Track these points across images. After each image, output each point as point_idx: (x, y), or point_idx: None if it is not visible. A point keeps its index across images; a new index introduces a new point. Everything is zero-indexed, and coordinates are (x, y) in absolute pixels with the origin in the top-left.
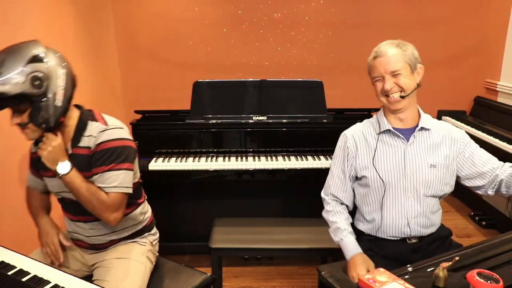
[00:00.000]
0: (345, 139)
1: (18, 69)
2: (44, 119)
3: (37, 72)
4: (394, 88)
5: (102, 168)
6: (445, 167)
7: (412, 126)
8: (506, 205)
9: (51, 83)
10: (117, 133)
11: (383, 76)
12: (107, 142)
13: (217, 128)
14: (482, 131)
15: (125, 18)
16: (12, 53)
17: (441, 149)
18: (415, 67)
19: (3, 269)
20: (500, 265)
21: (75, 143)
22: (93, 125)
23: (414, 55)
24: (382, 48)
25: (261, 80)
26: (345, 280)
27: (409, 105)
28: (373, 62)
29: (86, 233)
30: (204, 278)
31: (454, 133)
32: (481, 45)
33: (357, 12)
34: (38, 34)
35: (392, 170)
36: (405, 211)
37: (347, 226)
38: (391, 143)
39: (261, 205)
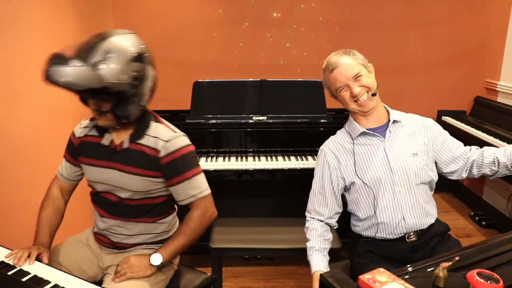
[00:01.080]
0: (324, 154)
1: (125, 66)
2: (127, 115)
3: (137, 72)
4: (362, 90)
5: (186, 176)
6: (426, 153)
7: (384, 122)
8: (506, 205)
9: (144, 84)
10: (186, 139)
11: (347, 84)
12: (183, 148)
13: (217, 128)
14: (482, 131)
15: (125, 18)
16: (118, 46)
17: (417, 137)
18: (367, 66)
19: (3, 269)
20: (500, 265)
21: (135, 138)
22: (159, 127)
23: (362, 57)
24: (334, 60)
25: (261, 80)
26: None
27: (377, 103)
28: (332, 75)
29: (113, 230)
30: (204, 278)
31: (424, 122)
32: (481, 45)
33: (357, 12)
34: (38, 34)
35: (378, 169)
36: (398, 206)
37: (316, 243)
38: (369, 144)
39: (261, 205)
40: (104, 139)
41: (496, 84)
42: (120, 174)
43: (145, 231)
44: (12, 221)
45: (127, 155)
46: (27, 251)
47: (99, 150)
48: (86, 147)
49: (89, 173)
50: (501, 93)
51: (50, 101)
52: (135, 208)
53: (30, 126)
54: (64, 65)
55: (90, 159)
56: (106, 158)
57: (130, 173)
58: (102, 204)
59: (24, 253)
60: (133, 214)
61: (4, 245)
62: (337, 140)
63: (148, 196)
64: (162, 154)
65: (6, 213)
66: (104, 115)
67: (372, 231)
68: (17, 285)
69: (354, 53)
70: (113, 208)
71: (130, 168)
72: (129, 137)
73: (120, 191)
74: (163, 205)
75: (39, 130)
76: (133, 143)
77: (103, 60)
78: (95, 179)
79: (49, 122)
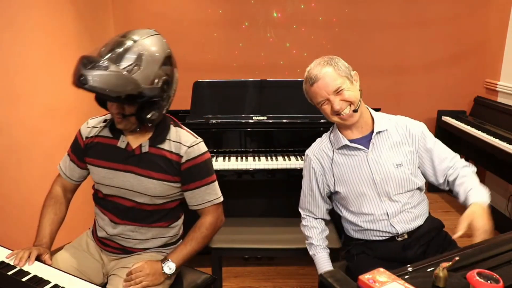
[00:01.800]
0: (309, 160)
1: (158, 70)
2: (152, 119)
3: (167, 75)
4: (343, 105)
5: (205, 181)
6: (411, 162)
7: (368, 132)
8: (506, 205)
9: (171, 87)
10: (205, 146)
11: (328, 98)
12: (203, 154)
13: (217, 128)
14: (482, 131)
15: (125, 18)
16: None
17: (402, 147)
18: (351, 77)
19: (3, 269)
20: (500, 265)
21: (155, 143)
22: (180, 132)
23: (345, 66)
24: (314, 73)
25: (261, 80)
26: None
27: (361, 115)
28: (313, 89)
29: (125, 235)
30: (204, 278)
31: (412, 129)
32: (481, 45)
33: (357, 12)
34: (38, 34)
35: (361, 181)
36: (384, 214)
37: (321, 242)
38: (352, 155)
39: (261, 205)
40: (120, 142)
41: (496, 84)
42: (137, 178)
43: (158, 235)
44: (12, 221)
45: (147, 159)
46: (28, 252)
47: (112, 152)
48: (96, 148)
49: (99, 175)
50: (501, 93)
51: (50, 101)
52: (151, 213)
53: (30, 126)
54: (102, 70)
55: (101, 160)
56: (121, 161)
57: (150, 177)
58: (113, 209)
59: (24, 254)
60: (148, 219)
61: (4, 245)
62: (321, 146)
63: (164, 201)
64: (184, 159)
65: (6, 213)
66: (126, 119)
67: (361, 235)
68: (17, 285)
69: (337, 62)
70: (127, 213)
71: (150, 172)
72: (148, 141)
73: (136, 196)
74: (176, 210)
75: (39, 130)
76: (153, 147)
77: (137, 64)
78: (106, 183)
79: (49, 122)
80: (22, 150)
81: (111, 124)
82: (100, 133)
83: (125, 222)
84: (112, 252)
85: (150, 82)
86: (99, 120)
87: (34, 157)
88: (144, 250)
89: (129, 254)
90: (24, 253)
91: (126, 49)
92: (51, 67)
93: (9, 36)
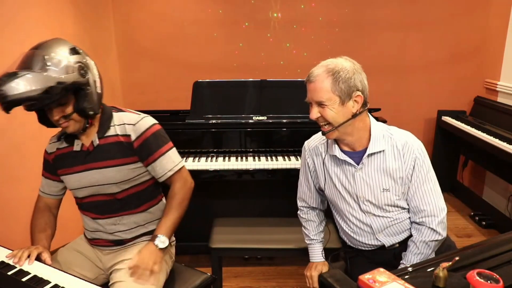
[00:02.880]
0: (304, 152)
1: (67, 60)
2: (89, 107)
3: (80, 62)
4: (320, 119)
5: (160, 152)
6: (399, 189)
7: (361, 149)
8: (506, 205)
9: (91, 72)
10: (152, 119)
11: (311, 102)
12: (151, 127)
13: (217, 128)
14: (482, 131)
15: (125, 18)
16: (52, 48)
17: (394, 172)
18: (348, 97)
19: (3, 269)
20: (500, 265)
21: (102, 134)
22: (123, 115)
23: (349, 84)
24: (314, 73)
25: (261, 80)
26: (345, 280)
27: (346, 134)
28: (306, 85)
29: (109, 230)
30: (204, 278)
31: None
32: (481, 45)
33: (357, 12)
34: (38, 34)
35: (344, 191)
36: (369, 228)
37: (317, 236)
38: (341, 166)
39: (261, 205)
40: (76, 146)
41: (496, 84)
42: (98, 172)
43: (142, 222)
44: (12, 221)
45: (100, 152)
46: (27, 251)
47: (73, 158)
48: (60, 159)
49: (70, 182)
50: (501, 93)
51: None
52: (125, 200)
53: (31, 127)
54: (14, 78)
55: (67, 168)
56: (81, 162)
57: (108, 166)
58: (92, 208)
59: (24, 253)
60: (125, 208)
61: (4, 245)
62: (317, 144)
63: (133, 185)
64: (133, 137)
65: (6, 213)
66: (70, 119)
67: (350, 242)
68: (17, 285)
69: (340, 76)
70: (104, 208)
71: (106, 162)
72: (96, 134)
73: (105, 188)
74: (150, 191)
75: (40, 131)
76: (102, 139)
77: (45, 64)
78: (77, 186)
79: None
80: (22, 150)
81: (65, 135)
82: (60, 146)
83: (106, 216)
84: (103, 246)
85: (65, 71)
86: (56, 136)
87: (34, 157)
88: (133, 240)
89: (121, 246)
90: (23, 252)
91: (31, 55)
92: None
93: (9, 35)
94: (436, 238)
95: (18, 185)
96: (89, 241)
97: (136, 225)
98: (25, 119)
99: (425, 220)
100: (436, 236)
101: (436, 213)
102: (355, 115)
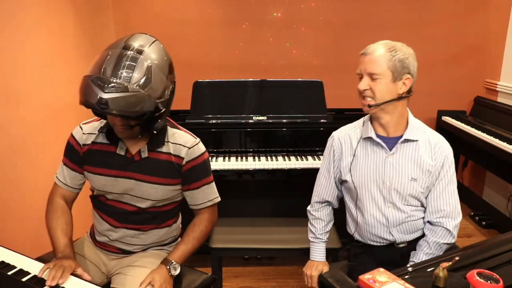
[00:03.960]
0: (332, 140)
1: (166, 82)
2: (156, 127)
3: (173, 84)
4: (367, 92)
5: (206, 181)
6: (425, 182)
7: (396, 135)
8: (506, 205)
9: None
10: (203, 146)
11: (363, 75)
12: (203, 154)
13: (217, 128)
14: (482, 131)
15: (125, 18)
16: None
17: (424, 164)
18: (399, 77)
19: (3, 269)
20: (500, 265)
21: (154, 147)
22: (178, 135)
23: (403, 64)
24: (372, 47)
25: (261, 80)
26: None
27: (386, 113)
28: (360, 58)
29: (125, 240)
30: (204, 278)
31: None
32: (481, 45)
33: (357, 12)
34: (38, 34)
35: (370, 178)
36: (385, 220)
37: (323, 236)
38: (372, 150)
39: (261, 205)
40: (119, 149)
41: (496, 84)
42: (138, 184)
43: (159, 237)
44: (12, 221)
45: (147, 165)
46: (61, 271)
47: (112, 159)
48: (94, 155)
49: (99, 182)
50: (501, 93)
51: (50, 101)
52: (152, 216)
53: (30, 126)
54: (120, 92)
55: (100, 168)
56: (121, 168)
57: (151, 182)
58: (114, 215)
59: (57, 273)
60: (149, 222)
61: (4, 245)
62: (349, 132)
63: (166, 203)
64: (185, 161)
65: (6, 213)
66: (131, 128)
67: (360, 236)
68: (17, 285)
69: (397, 54)
70: (128, 217)
71: (151, 177)
72: (147, 145)
73: (139, 201)
74: (177, 210)
75: (39, 130)
76: (152, 152)
77: (148, 78)
78: (106, 189)
79: (49, 122)
80: (22, 150)
81: (106, 130)
82: (97, 140)
83: (125, 226)
84: (112, 252)
85: (161, 94)
86: (94, 125)
87: (34, 156)
88: (144, 251)
89: (129, 254)
90: (56, 272)
91: (135, 64)
92: (51, 67)
93: (9, 35)
94: (450, 241)
95: (17, 184)
96: (96, 242)
97: (153, 239)
98: (25, 118)
99: (442, 221)
100: (450, 238)
101: (454, 215)
102: (400, 98)
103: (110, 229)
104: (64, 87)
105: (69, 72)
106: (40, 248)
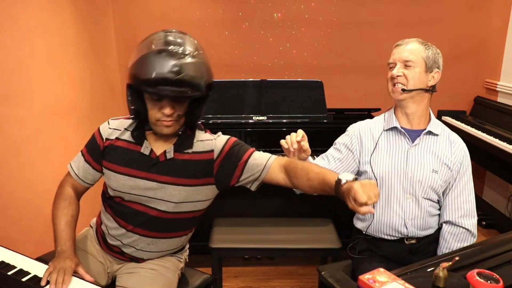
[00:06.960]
0: (352, 131)
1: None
2: (198, 117)
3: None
4: (400, 78)
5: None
6: (445, 175)
7: (420, 128)
8: (506, 205)
9: None
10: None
11: (396, 63)
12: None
13: (217, 128)
14: (482, 131)
15: (125, 18)
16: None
17: (445, 158)
18: (430, 69)
19: (3, 269)
20: (500, 265)
21: (181, 149)
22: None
23: (435, 58)
24: (407, 40)
25: (261, 80)
26: (345, 280)
27: (413, 103)
28: (393, 50)
29: (139, 247)
30: (204, 278)
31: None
32: (481, 45)
33: (357, 12)
34: (38, 34)
35: (392, 168)
36: (402, 212)
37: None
38: (395, 141)
39: (261, 205)
40: (144, 148)
41: (496, 84)
42: (161, 185)
43: (176, 245)
44: (12, 221)
45: (171, 166)
46: (62, 274)
47: (134, 159)
48: (116, 152)
49: (117, 181)
50: (501, 93)
51: (50, 101)
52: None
53: (30, 126)
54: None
55: (121, 166)
56: (144, 169)
57: (174, 184)
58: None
59: (59, 277)
60: (169, 229)
61: (4, 245)
62: (370, 125)
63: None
64: (216, 153)
65: (6, 213)
66: (178, 120)
67: (372, 228)
68: (17, 285)
69: (429, 48)
70: (146, 223)
71: (175, 179)
72: (173, 146)
73: (159, 203)
74: (198, 219)
75: (39, 130)
76: (179, 153)
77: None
78: (124, 189)
79: (49, 121)
80: (22, 150)
81: (133, 128)
82: (121, 136)
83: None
84: (118, 258)
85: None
86: (122, 123)
87: (34, 156)
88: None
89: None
90: (58, 277)
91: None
92: (51, 67)
93: (9, 35)
94: (472, 242)
95: (17, 184)
96: (104, 243)
97: (167, 248)
98: (25, 118)
99: (462, 221)
100: (472, 239)
101: (473, 213)
102: (428, 90)
103: (125, 235)
104: (65, 87)
105: (69, 72)
106: (40, 248)
